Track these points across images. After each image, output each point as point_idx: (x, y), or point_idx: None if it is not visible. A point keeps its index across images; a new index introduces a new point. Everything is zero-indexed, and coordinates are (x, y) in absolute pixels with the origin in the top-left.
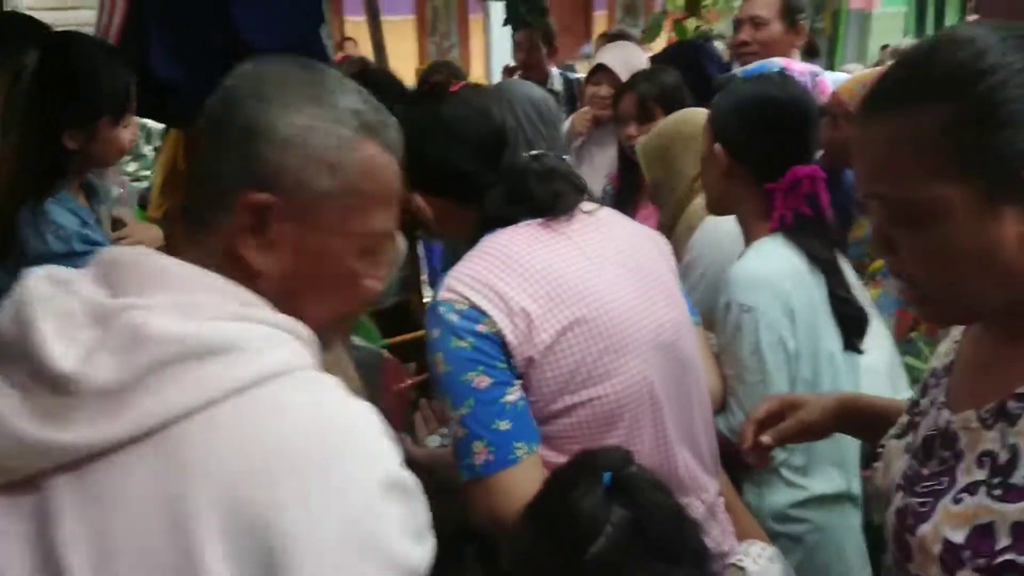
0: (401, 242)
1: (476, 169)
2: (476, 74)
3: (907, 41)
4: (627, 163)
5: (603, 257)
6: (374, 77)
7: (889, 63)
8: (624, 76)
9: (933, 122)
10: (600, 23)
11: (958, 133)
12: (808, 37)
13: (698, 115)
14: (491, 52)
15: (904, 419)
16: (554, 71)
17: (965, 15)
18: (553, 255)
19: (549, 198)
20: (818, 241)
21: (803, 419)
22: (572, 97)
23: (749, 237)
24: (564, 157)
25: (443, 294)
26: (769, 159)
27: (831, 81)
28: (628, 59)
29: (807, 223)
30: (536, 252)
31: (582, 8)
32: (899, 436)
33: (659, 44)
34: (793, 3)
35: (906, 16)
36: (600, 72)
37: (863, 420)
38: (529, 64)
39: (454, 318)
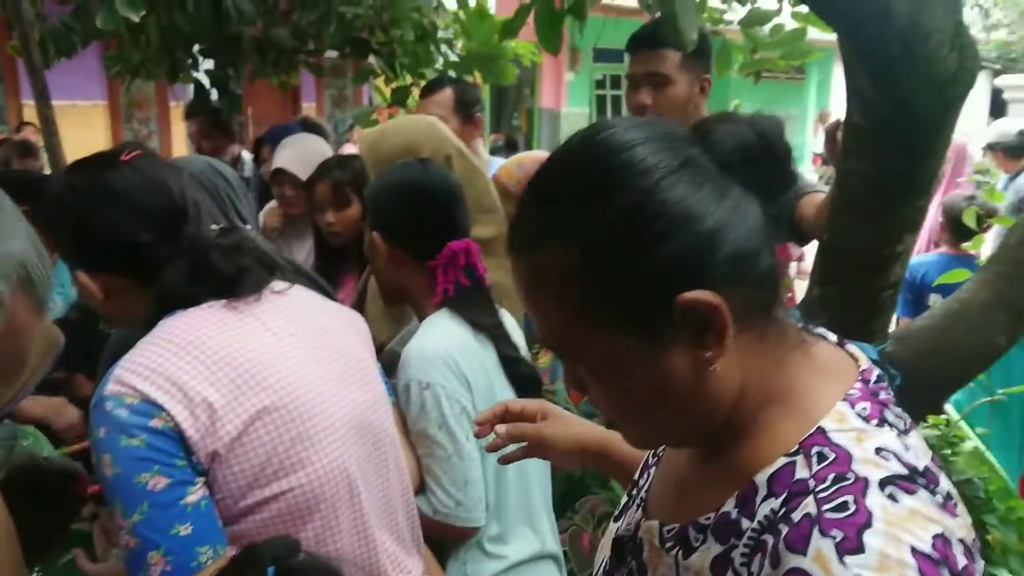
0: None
1: (152, 242)
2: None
3: None
4: (325, 250)
5: (295, 338)
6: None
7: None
8: (303, 174)
9: (560, 267)
10: (308, 111)
11: (590, 277)
12: (507, 135)
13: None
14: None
15: (624, 498)
16: (245, 156)
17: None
18: (239, 338)
19: (234, 274)
20: (481, 309)
21: (541, 429)
22: (264, 184)
23: (421, 315)
24: (253, 229)
25: (110, 387)
26: (424, 239)
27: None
28: (305, 156)
29: (468, 293)
30: (219, 335)
31: (290, 100)
32: (616, 518)
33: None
34: (466, 98)
35: (589, 115)
36: (280, 174)
37: (617, 459)
38: (218, 150)
39: (123, 414)
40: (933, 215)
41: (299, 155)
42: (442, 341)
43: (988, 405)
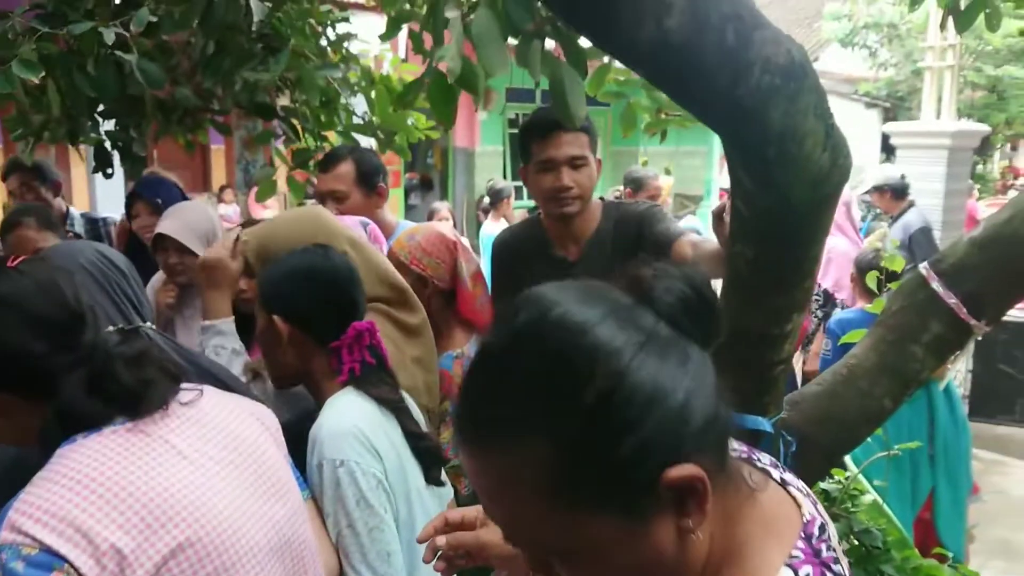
0: None
1: (45, 353)
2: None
3: (498, 181)
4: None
5: (208, 458)
6: None
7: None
8: (189, 240)
9: (533, 462)
10: (218, 160)
11: (566, 469)
12: (423, 173)
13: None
14: (95, 187)
15: None
16: (74, 212)
17: None
18: (148, 469)
19: (138, 388)
20: (385, 386)
21: (480, 536)
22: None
23: (320, 396)
24: (152, 326)
25: (4, 535)
26: (329, 321)
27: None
28: (189, 222)
29: (373, 371)
30: (126, 468)
31: (199, 154)
32: None
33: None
34: (368, 169)
35: (502, 154)
36: (163, 240)
37: None
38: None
39: (19, 567)
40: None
41: (183, 223)
42: (351, 418)
43: (883, 458)
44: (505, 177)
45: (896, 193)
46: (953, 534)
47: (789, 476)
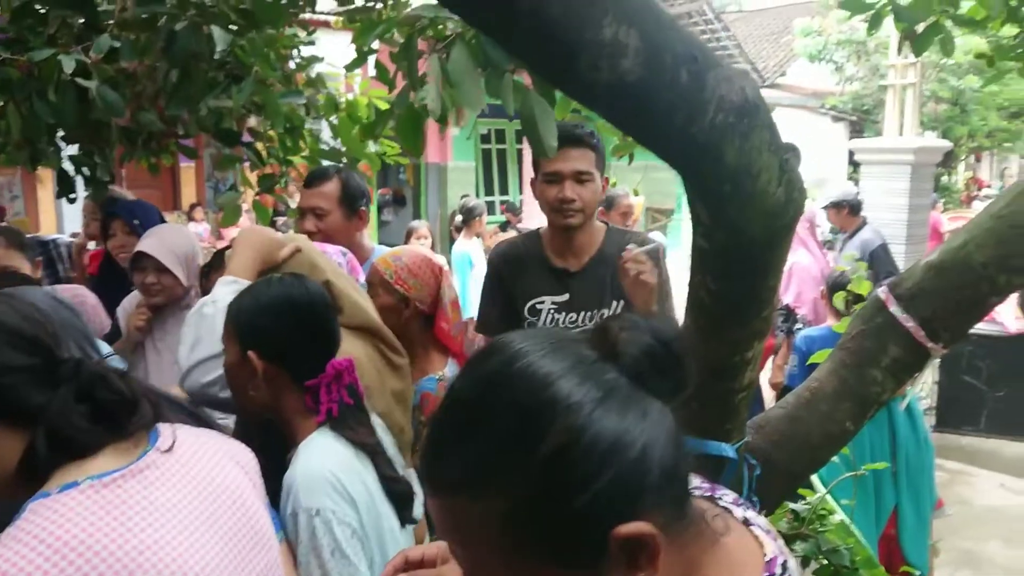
0: None
1: (30, 366)
2: (47, 228)
3: (471, 199)
4: None
5: (188, 511)
6: None
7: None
8: (169, 260)
9: (487, 512)
10: (188, 179)
11: (520, 522)
12: (395, 189)
13: None
14: (61, 210)
15: None
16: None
17: (521, 169)
18: (124, 528)
19: (132, 398)
20: (363, 428)
21: (442, 574)
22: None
23: (292, 435)
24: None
25: None
26: (307, 357)
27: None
28: (169, 243)
29: (351, 412)
30: (100, 528)
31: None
32: None
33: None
34: (353, 191)
35: (475, 169)
36: (144, 259)
37: None
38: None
39: None
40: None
41: (164, 243)
42: (326, 463)
43: (849, 478)
44: (478, 192)
45: (853, 209)
46: (918, 550)
47: (751, 514)
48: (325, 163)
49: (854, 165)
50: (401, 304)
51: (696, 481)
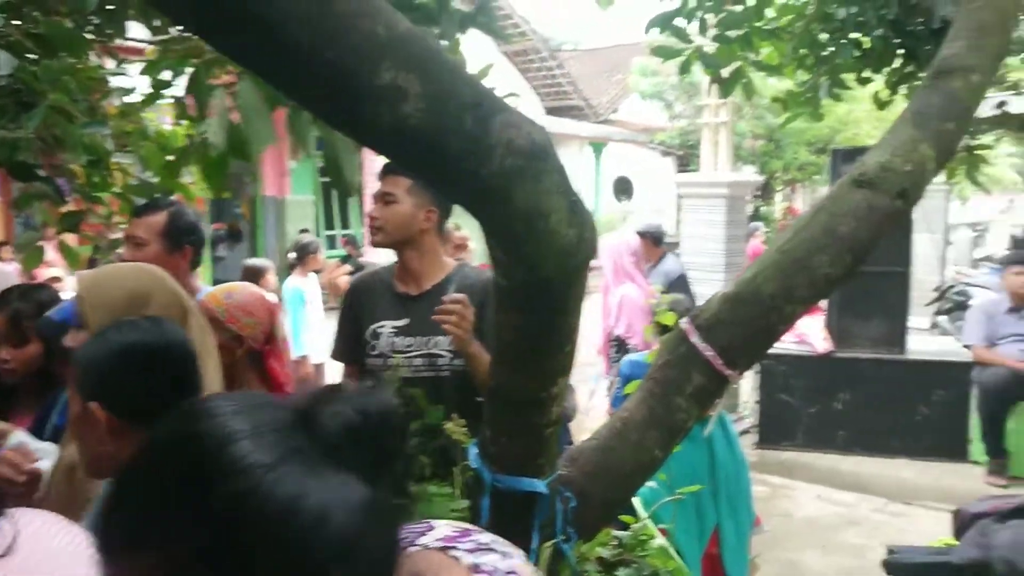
0: None
1: None
2: None
3: (305, 236)
4: None
5: None
6: None
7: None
8: None
9: (167, 572)
10: None
11: None
12: (231, 223)
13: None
14: None
15: None
16: None
17: (362, 202)
18: None
19: None
20: None
21: None
22: None
23: None
24: None
25: None
26: (160, 409)
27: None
28: None
29: None
30: None
31: None
32: None
33: None
34: (180, 227)
35: (315, 203)
36: None
37: None
38: None
39: None
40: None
41: None
42: None
43: (670, 501)
44: (318, 226)
45: (655, 240)
46: (738, 566)
47: (488, 558)
48: (165, 198)
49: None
50: (234, 343)
51: (445, 530)
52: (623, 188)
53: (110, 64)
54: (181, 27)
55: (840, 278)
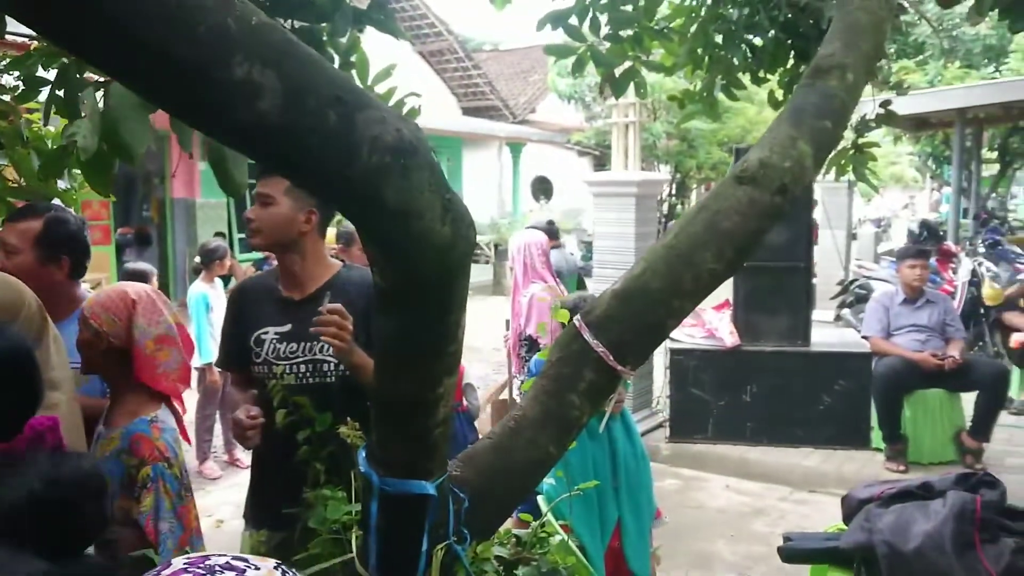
0: None
1: None
2: None
3: (212, 240)
4: None
5: None
6: None
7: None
8: None
9: None
10: None
11: None
12: (139, 227)
13: None
14: None
15: None
16: None
17: None
18: None
19: None
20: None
21: None
22: None
23: None
24: None
25: None
26: (7, 415)
27: None
28: None
29: None
30: None
31: None
32: None
33: None
34: (55, 236)
35: (226, 205)
36: None
37: None
38: None
39: None
40: None
41: None
42: None
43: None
44: (230, 229)
45: (549, 236)
46: (640, 559)
47: None
48: (44, 204)
49: None
50: (96, 339)
51: (178, 564)
52: (542, 188)
53: None
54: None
55: (724, 273)
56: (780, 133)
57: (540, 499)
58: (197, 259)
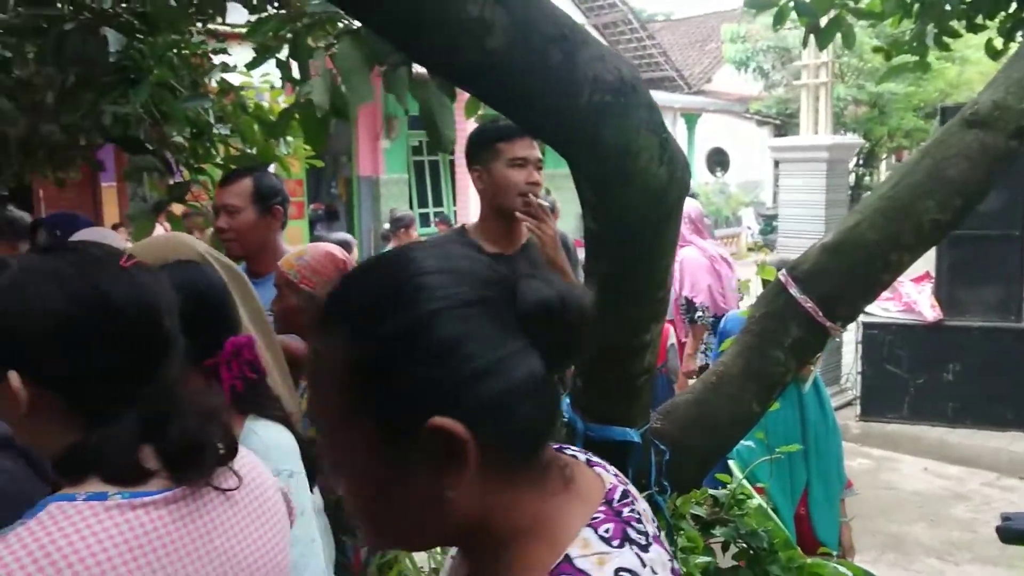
0: None
1: (121, 373)
2: None
3: (399, 209)
4: None
5: (202, 573)
6: None
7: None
8: None
9: (338, 359)
10: (110, 198)
11: (362, 370)
12: (328, 204)
13: None
14: None
15: None
16: None
17: (454, 181)
18: (130, 571)
19: (197, 451)
20: (273, 402)
21: None
22: None
23: None
24: None
25: None
26: (208, 337)
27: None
28: (94, 236)
29: (257, 386)
30: (110, 563)
31: (88, 178)
32: None
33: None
34: (265, 189)
35: (408, 181)
36: None
37: None
38: None
39: None
40: None
41: (93, 236)
42: (286, 434)
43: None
44: (411, 205)
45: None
46: (827, 528)
47: (594, 458)
48: (247, 166)
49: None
50: (309, 303)
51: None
52: (718, 160)
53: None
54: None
55: (949, 224)
56: (1017, 72)
57: (731, 462)
58: (386, 226)
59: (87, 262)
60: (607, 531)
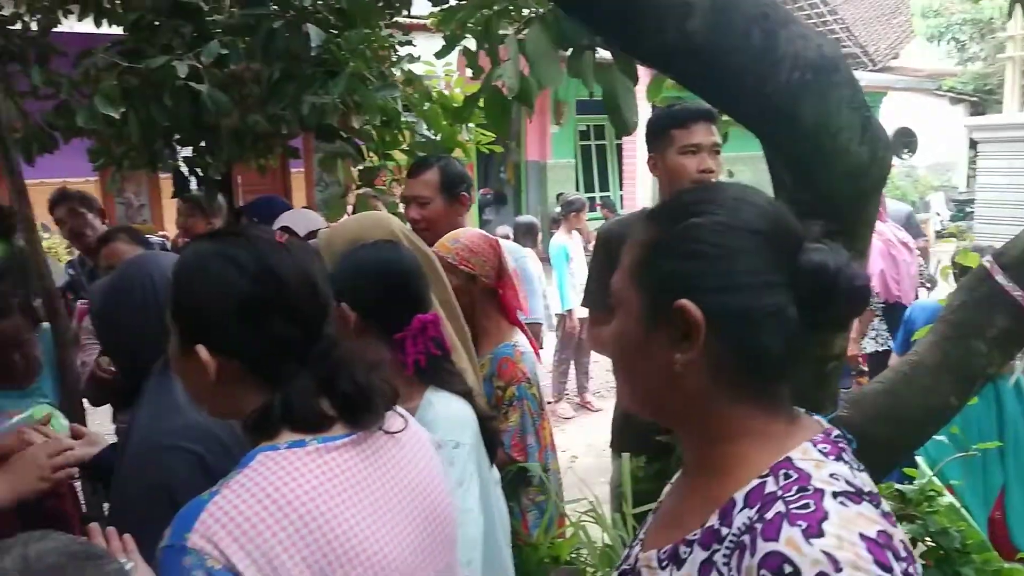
0: None
1: (296, 338)
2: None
3: (570, 193)
4: None
5: (392, 503)
6: None
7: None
8: (300, 229)
9: (638, 247)
10: (298, 183)
11: (650, 251)
12: (496, 188)
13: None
14: None
15: (626, 550)
16: None
17: (620, 165)
18: (339, 504)
19: (368, 396)
20: (456, 377)
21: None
22: None
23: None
24: None
25: (193, 539)
26: (397, 313)
27: None
28: (302, 221)
29: (440, 361)
30: (322, 498)
31: (279, 165)
32: (618, 567)
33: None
34: (452, 177)
35: (574, 166)
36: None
37: None
38: (188, 231)
39: None
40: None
41: (297, 219)
42: (459, 406)
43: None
44: (577, 189)
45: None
46: None
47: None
48: (433, 156)
49: (974, 147)
50: (469, 283)
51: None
52: (905, 141)
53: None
54: None
55: None
56: None
57: (918, 458)
58: (557, 209)
59: (255, 244)
60: (824, 448)
